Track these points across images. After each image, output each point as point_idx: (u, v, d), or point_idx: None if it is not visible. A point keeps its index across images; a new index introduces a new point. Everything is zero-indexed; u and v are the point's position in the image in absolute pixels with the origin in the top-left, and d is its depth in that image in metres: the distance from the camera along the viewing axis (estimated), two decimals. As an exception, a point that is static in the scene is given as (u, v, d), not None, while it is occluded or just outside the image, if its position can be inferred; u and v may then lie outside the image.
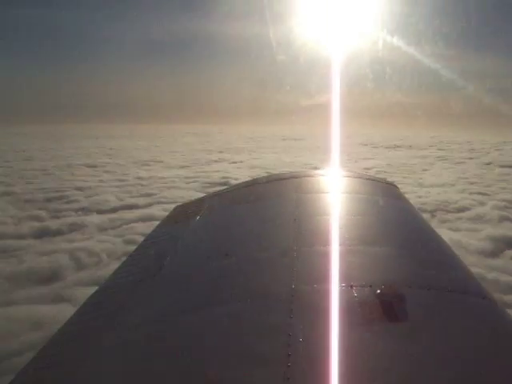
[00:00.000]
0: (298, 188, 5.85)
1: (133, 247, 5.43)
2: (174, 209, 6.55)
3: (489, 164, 45.22)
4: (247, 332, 2.67)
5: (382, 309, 2.69)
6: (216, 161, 46.27)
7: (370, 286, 2.92)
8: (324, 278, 3.06)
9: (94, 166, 40.06)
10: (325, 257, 3.43)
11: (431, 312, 2.80)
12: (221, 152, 56.28)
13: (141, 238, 5.80)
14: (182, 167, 40.66)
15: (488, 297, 3.15)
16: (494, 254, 15.82)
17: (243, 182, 7.54)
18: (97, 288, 4.10)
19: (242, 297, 3.04)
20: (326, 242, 3.78)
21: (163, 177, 33.78)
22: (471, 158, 50.77)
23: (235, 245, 4.18)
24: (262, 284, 3.20)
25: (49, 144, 63.66)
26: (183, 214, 5.86)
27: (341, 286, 2.94)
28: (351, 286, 2.93)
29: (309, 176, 6.72)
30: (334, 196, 5.65)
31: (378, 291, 2.84)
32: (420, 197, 25.34)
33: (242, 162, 45.78)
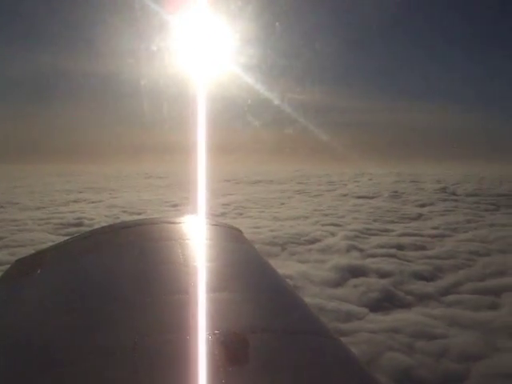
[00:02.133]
0: (143, 236, 5.63)
1: None
2: (15, 263, 5.83)
3: (345, 195, 47.30)
4: None
5: (226, 356, 2.65)
6: (74, 201, 44.35)
7: (214, 334, 2.88)
8: (168, 328, 3.04)
9: None
10: (168, 306, 3.42)
11: (275, 354, 2.81)
12: (81, 192, 54.15)
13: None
14: (38, 208, 38.43)
15: (330, 335, 3.29)
16: (337, 283, 16.02)
17: (85, 232, 7.01)
18: None
19: (82, 354, 2.85)
20: (170, 291, 3.75)
21: (16, 219, 31.50)
22: (329, 191, 52.84)
23: (76, 299, 3.93)
24: (104, 339, 3.01)
25: None
26: (24, 268, 5.33)
27: (185, 335, 2.89)
28: (196, 334, 2.87)
29: (153, 223, 6.43)
30: (180, 243, 5.39)
31: (221, 338, 2.82)
32: (273, 230, 25.48)
33: (100, 201, 44.25)
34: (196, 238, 5.84)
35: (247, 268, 4.94)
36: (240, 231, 6.75)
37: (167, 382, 2.51)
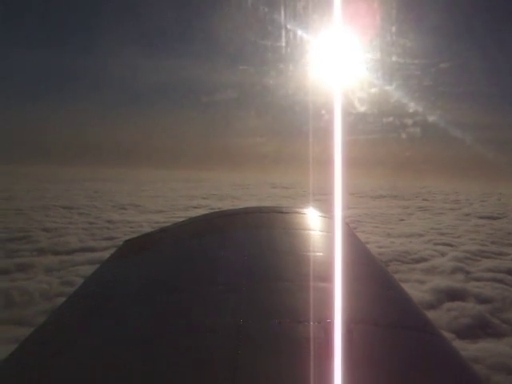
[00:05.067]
0: (248, 223, 5.91)
1: (68, 288, 5.39)
2: (123, 244, 6.50)
3: (468, 215, 45.23)
4: (194, 367, 2.63)
5: (330, 345, 2.69)
6: (195, 207, 45.69)
7: (319, 322, 2.94)
8: (271, 314, 3.12)
9: (70, 208, 39.95)
10: (273, 293, 3.50)
11: (380, 349, 2.83)
12: (204, 198, 55.82)
13: (80, 280, 5.68)
14: (158, 212, 40.45)
15: (436, 332, 3.27)
16: (430, 305, 15.63)
17: (194, 217, 7.55)
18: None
19: (189, 331, 3.01)
20: (275, 278, 3.84)
21: (133, 221, 33.55)
22: (453, 209, 50.74)
23: (183, 280, 4.17)
24: (210, 319, 3.17)
25: (35, 184, 63.76)
26: (132, 249, 5.86)
27: (288, 322, 2.97)
28: (300, 322, 2.96)
29: (261, 212, 6.77)
30: (286, 232, 5.68)
31: (326, 327, 2.87)
32: (381, 247, 25.19)
33: (219, 208, 45.37)
34: (303, 228, 6.07)
35: (355, 261, 4.96)
36: (348, 225, 6.97)
37: (269, 366, 2.56)
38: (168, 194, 59.41)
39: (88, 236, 26.66)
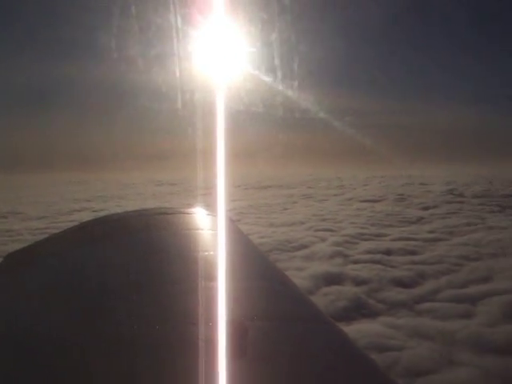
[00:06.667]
0: (131, 227, 5.74)
1: None
2: (5, 258, 5.73)
3: (350, 199, 46.67)
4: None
5: (225, 344, 2.58)
6: (78, 210, 44.04)
7: (211, 323, 2.83)
8: (161, 317, 3.06)
9: None
10: (164, 296, 3.45)
11: (276, 342, 2.83)
12: (88, 201, 53.67)
13: None
14: (40, 218, 38.25)
15: (328, 321, 3.35)
16: (309, 292, 15.41)
17: (78, 224, 7.03)
18: None
19: (79, 338, 2.89)
20: (166, 281, 3.79)
21: (12, 229, 31.48)
22: (336, 195, 52.19)
23: (70, 292, 3.89)
24: (102, 329, 3.01)
25: None
26: (17, 263, 5.31)
27: (178, 325, 2.94)
28: (191, 323, 2.90)
29: (146, 215, 6.51)
30: (168, 234, 5.56)
31: (219, 327, 2.75)
32: (262, 237, 25.05)
33: (103, 210, 43.64)
34: (187, 228, 5.89)
35: (240, 257, 4.89)
36: (233, 221, 7.07)
37: (165, 371, 2.49)
38: (50, 199, 56.56)
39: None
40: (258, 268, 4.71)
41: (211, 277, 3.72)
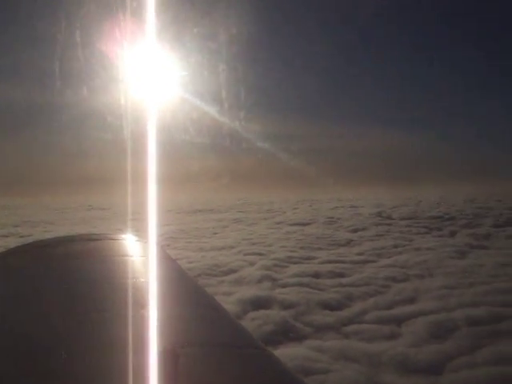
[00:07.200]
0: (63, 254, 5.40)
1: None
2: None
3: (280, 223, 46.95)
4: None
5: (157, 372, 2.47)
6: (5, 236, 42.05)
7: (144, 351, 2.70)
8: (92, 347, 2.91)
9: None
10: (93, 324, 3.27)
11: (209, 370, 2.73)
12: (16, 226, 51.61)
13: None
14: (-38, 245, 36.44)
15: (261, 347, 3.30)
16: (238, 316, 15.21)
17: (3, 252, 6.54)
18: None
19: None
20: (94, 309, 3.59)
21: None
22: (266, 219, 52.45)
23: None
24: (29, 360, 2.78)
25: None
26: None
27: (109, 354, 2.78)
28: (123, 352, 2.69)
29: (73, 241, 6.11)
30: (101, 260, 5.28)
31: (152, 355, 2.66)
32: (191, 262, 24.69)
33: (30, 235, 42.30)
34: (118, 255, 5.68)
35: (170, 284, 4.69)
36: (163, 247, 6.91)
37: None
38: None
39: None
40: (188, 294, 4.61)
41: (139, 304, 3.65)
